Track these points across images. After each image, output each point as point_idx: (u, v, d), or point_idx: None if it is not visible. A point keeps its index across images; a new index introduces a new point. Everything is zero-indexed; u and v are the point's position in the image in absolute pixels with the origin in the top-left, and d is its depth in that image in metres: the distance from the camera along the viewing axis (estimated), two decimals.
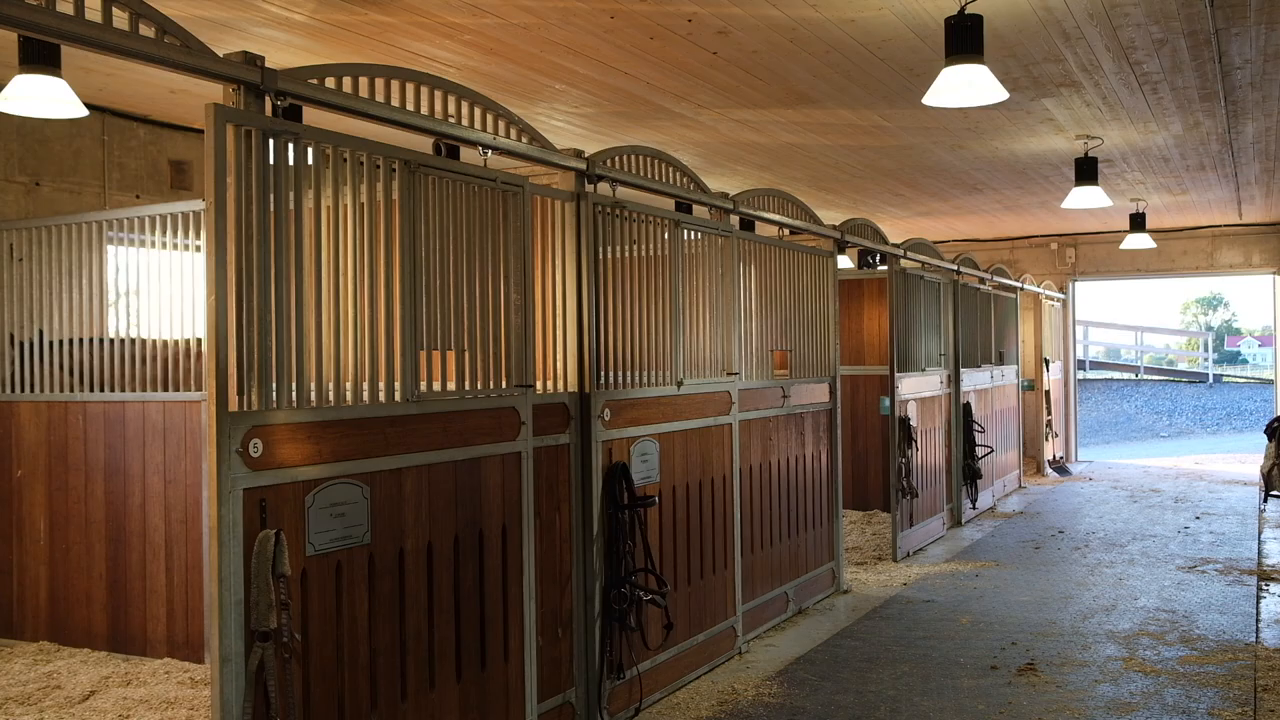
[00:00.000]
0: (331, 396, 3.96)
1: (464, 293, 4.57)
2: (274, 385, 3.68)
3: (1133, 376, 33.04)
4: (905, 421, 9.84)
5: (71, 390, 6.42)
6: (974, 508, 11.97)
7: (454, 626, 4.46)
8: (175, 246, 6.06)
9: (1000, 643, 6.73)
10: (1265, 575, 8.67)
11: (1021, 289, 14.87)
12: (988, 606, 7.74)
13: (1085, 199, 9.78)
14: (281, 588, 3.58)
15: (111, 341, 6.34)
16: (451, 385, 4.60)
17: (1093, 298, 68.57)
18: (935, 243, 13.18)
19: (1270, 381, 24.22)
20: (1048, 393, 16.23)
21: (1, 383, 6.69)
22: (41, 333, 6.54)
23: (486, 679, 4.62)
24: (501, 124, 4.88)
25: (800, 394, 7.79)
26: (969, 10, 5.59)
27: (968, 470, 11.74)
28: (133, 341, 6.27)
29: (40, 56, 5.57)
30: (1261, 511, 11.91)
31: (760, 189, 7.66)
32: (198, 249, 5.83)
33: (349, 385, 4.10)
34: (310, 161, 3.90)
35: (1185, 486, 14.48)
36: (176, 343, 6.21)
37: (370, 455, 4.05)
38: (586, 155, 5.41)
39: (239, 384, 3.56)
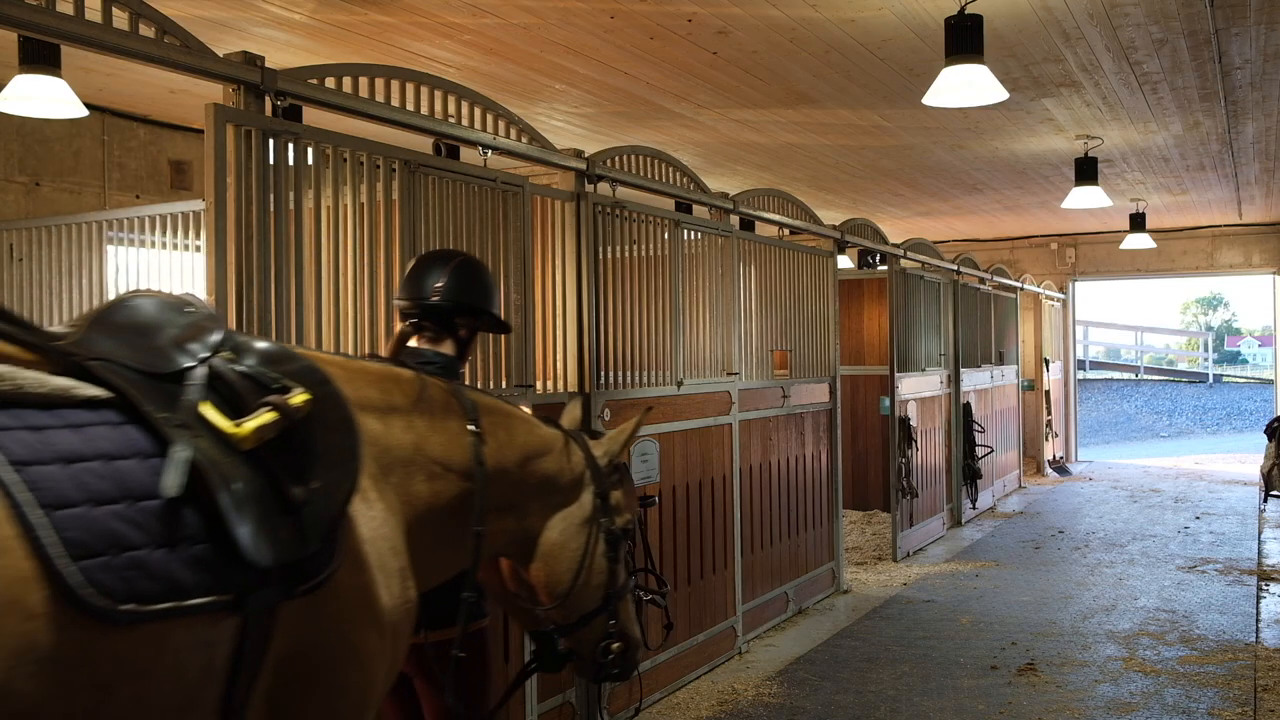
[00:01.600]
0: None
1: None
2: None
3: (1133, 376, 33.02)
4: (905, 421, 9.84)
5: None
6: (974, 508, 11.97)
7: None
8: (175, 246, 6.06)
9: (1000, 643, 6.73)
10: (1265, 575, 8.67)
11: (1021, 289, 14.87)
12: (988, 606, 7.73)
13: (1085, 199, 9.78)
14: None
15: None
16: None
17: (1093, 298, 68.57)
18: (935, 243, 13.18)
19: (1270, 381, 24.20)
20: (1048, 393, 16.23)
21: None
22: None
23: None
24: (501, 124, 4.88)
25: (800, 394, 7.79)
26: (969, 10, 5.59)
27: (968, 470, 11.74)
28: None
29: (40, 56, 5.57)
30: (1261, 511, 11.91)
31: (760, 189, 7.67)
32: (198, 249, 5.83)
33: None
34: (310, 161, 3.90)
35: (1185, 486, 14.48)
36: None
37: None
38: (586, 155, 5.41)
39: None
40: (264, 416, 1.97)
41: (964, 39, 5.60)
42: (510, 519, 2.81)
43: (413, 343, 3.39)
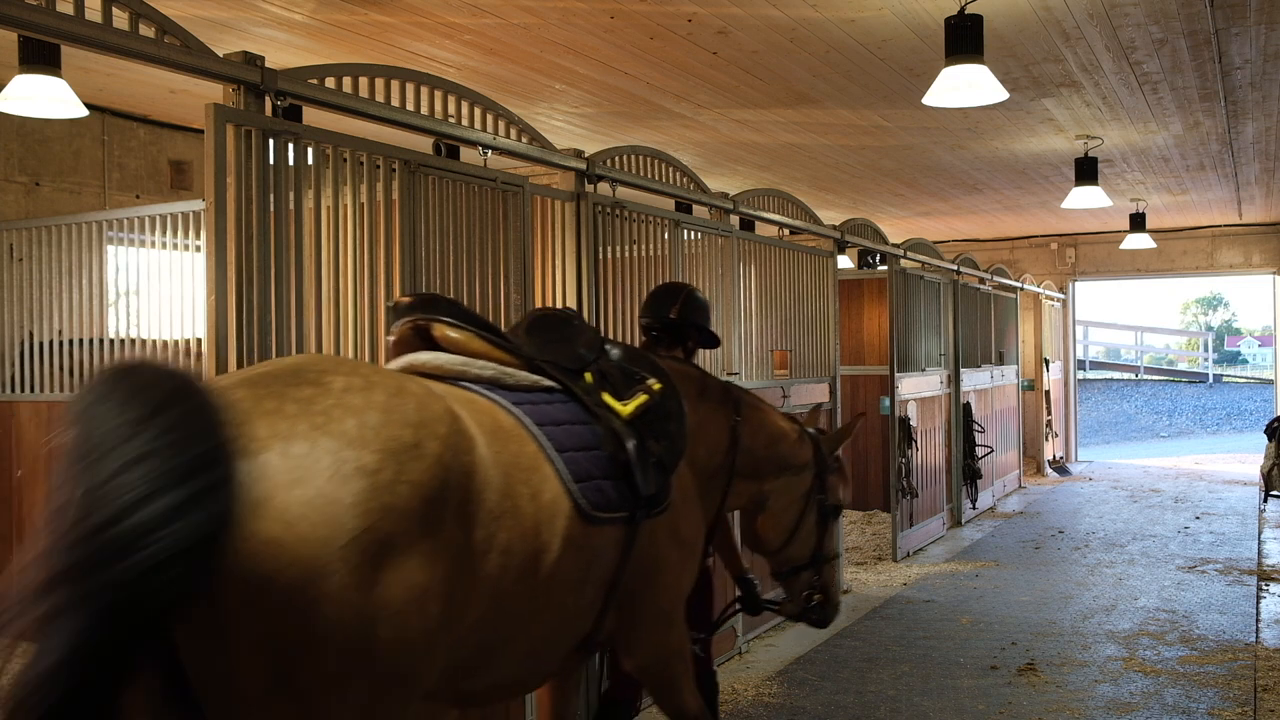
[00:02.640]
0: None
1: (464, 293, 4.56)
2: None
3: (1133, 376, 33.02)
4: (905, 421, 9.84)
5: (72, 390, 6.42)
6: (974, 508, 11.97)
7: None
8: (175, 246, 6.06)
9: (1000, 643, 6.73)
10: (1265, 575, 8.67)
11: (1021, 289, 14.87)
12: (988, 606, 7.73)
13: (1085, 199, 9.78)
14: None
15: (112, 342, 6.33)
16: None
17: (1093, 298, 68.44)
18: (935, 243, 13.17)
19: (1270, 381, 24.21)
20: (1048, 393, 16.23)
21: (1, 383, 6.70)
22: (31, 334, 6.54)
23: None
24: (501, 124, 4.88)
25: (800, 394, 7.79)
26: (969, 10, 5.59)
27: (968, 470, 11.74)
28: (133, 341, 6.26)
29: (40, 56, 5.57)
30: (1261, 511, 11.91)
31: (760, 189, 7.66)
32: (198, 249, 5.83)
33: None
34: (310, 161, 3.90)
35: (1185, 486, 14.48)
36: (176, 343, 6.21)
37: None
38: (586, 155, 5.41)
39: None
40: (639, 398, 3.14)
41: (964, 39, 5.60)
42: (753, 484, 4.02)
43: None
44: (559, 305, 5.34)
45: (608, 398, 3.07)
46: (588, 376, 3.11)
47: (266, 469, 1.97)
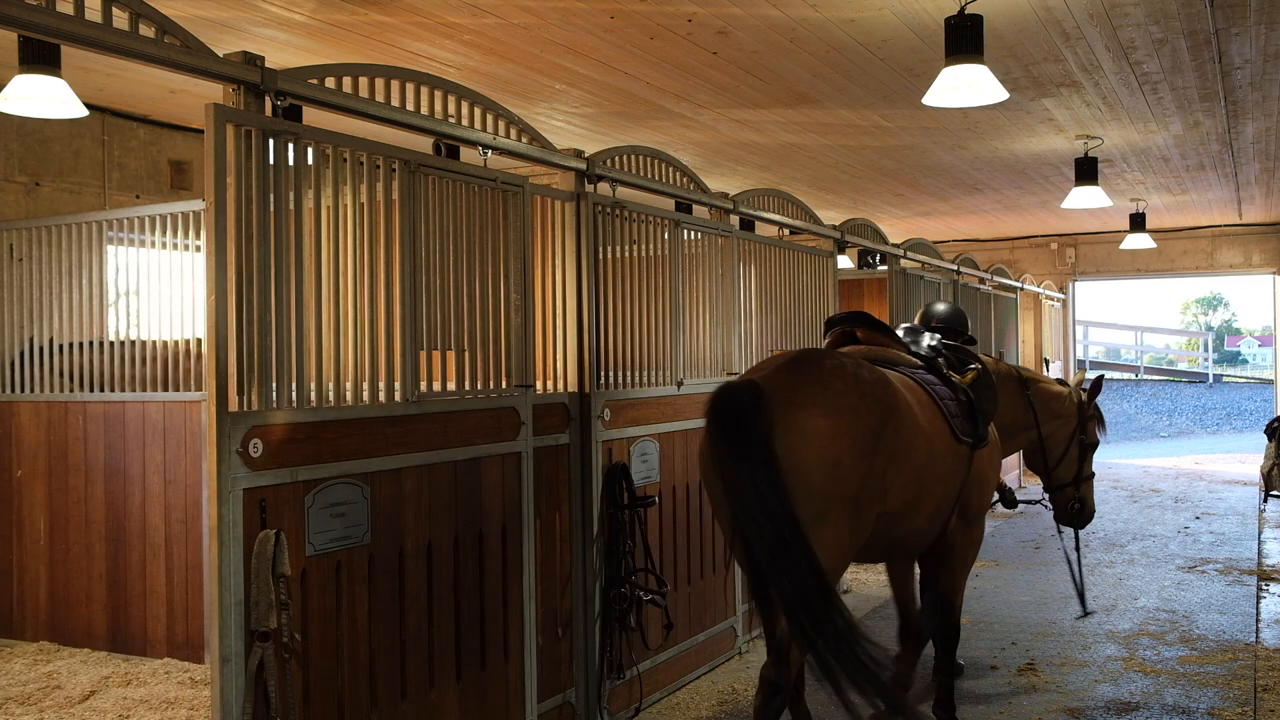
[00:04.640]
0: (331, 396, 3.96)
1: (464, 293, 4.57)
2: (274, 385, 3.68)
3: (1133, 376, 32.98)
4: None
5: (71, 391, 6.42)
6: None
7: (454, 626, 4.46)
8: (175, 246, 6.06)
9: (1000, 643, 6.73)
10: (1265, 575, 8.67)
11: (1021, 289, 14.86)
12: (988, 606, 7.73)
13: (1085, 199, 9.78)
14: (281, 588, 3.58)
15: (111, 344, 6.33)
16: (451, 385, 4.60)
17: (1093, 298, 68.40)
18: (935, 243, 13.17)
19: (1270, 381, 24.19)
20: None
21: (1, 383, 6.70)
22: (52, 340, 6.54)
23: (486, 679, 4.62)
24: (501, 124, 4.88)
25: None
26: (969, 10, 5.59)
27: None
28: (133, 342, 6.26)
29: (40, 56, 5.57)
30: (1261, 511, 11.90)
31: (760, 189, 7.66)
32: (198, 249, 5.83)
33: (349, 385, 4.10)
34: (310, 161, 3.90)
35: (1185, 486, 14.47)
36: (176, 343, 6.21)
37: (370, 455, 4.05)
38: (586, 155, 5.41)
39: (239, 384, 3.56)
40: (971, 374, 5.07)
41: (964, 39, 5.60)
42: (1039, 429, 6.36)
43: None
44: (561, 304, 5.37)
45: (951, 373, 5.00)
46: (939, 361, 5.04)
47: (811, 412, 3.95)
